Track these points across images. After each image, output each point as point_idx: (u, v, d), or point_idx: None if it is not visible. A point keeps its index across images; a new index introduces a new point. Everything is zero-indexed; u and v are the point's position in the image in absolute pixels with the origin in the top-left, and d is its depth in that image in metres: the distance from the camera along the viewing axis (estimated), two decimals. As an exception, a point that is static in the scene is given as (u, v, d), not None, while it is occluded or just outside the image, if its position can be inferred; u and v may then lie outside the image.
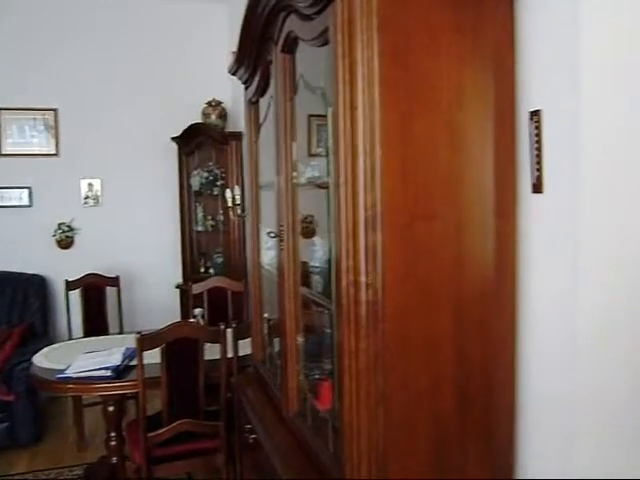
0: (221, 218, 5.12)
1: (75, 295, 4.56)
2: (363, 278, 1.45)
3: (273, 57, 2.11)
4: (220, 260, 5.09)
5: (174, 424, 2.87)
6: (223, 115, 5.14)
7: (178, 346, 2.85)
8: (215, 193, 5.08)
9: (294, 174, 2.02)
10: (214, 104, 5.11)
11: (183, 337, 2.86)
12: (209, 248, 5.24)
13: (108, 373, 3.10)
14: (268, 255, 2.51)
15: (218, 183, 5.03)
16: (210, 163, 5.12)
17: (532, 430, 1.62)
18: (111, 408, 3.30)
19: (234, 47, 2.50)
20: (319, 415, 1.90)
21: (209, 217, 5.17)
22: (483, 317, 1.56)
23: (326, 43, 1.58)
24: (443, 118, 1.48)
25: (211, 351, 2.98)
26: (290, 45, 1.96)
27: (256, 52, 2.32)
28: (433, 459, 1.56)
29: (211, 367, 3.01)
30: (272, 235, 2.13)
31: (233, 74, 2.63)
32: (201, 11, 5.38)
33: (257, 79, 2.40)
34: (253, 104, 2.57)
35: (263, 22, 2.13)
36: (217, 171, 5.07)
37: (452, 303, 1.53)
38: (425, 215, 1.48)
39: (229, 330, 3.07)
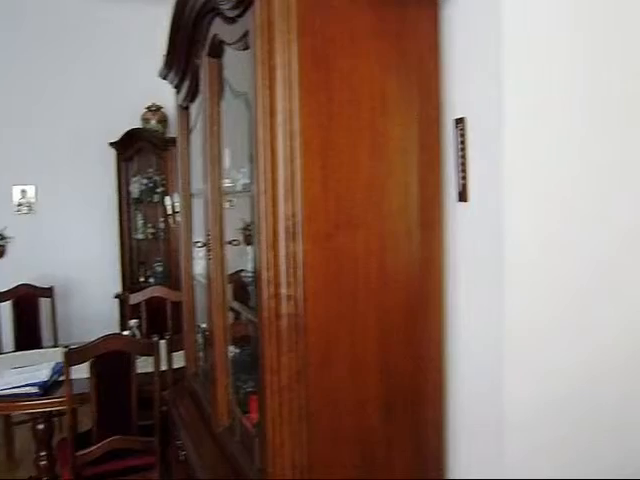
0: (161, 226, 4.99)
1: (6, 307, 4.35)
2: (284, 290, 1.40)
3: (201, 61, 2.05)
4: (161, 269, 4.96)
5: (104, 442, 2.75)
6: (163, 120, 5.02)
7: (108, 360, 2.73)
8: (155, 200, 4.95)
9: (227, 181, 1.96)
10: (154, 109, 4.98)
11: (113, 350, 2.75)
12: (149, 257, 5.09)
13: (34, 390, 2.94)
14: (200, 264, 2.43)
15: (158, 190, 4.91)
16: (150, 169, 4.99)
17: (461, 439, 1.61)
18: (40, 426, 3.13)
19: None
20: (247, 430, 1.83)
21: (149, 225, 5.03)
22: (409, 328, 1.54)
23: (248, 47, 1.53)
24: (366, 125, 1.45)
25: (147, 364, 2.87)
26: (216, 49, 1.90)
27: (185, 56, 2.24)
28: (359, 473, 1.52)
29: (146, 380, 2.90)
30: (199, 244, 2.06)
31: (164, 78, 2.55)
32: (141, 13, 5.24)
33: (187, 84, 2.33)
34: (184, 109, 2.50)
35: (191, 25, 2.06)
36: (157, 178, 4.94)
37: (377, 314, 1.50)
38: (348, 224, 1.44)
39: (163, 342, 2.97)
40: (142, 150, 4.98)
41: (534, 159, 1.42)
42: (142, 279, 5.04)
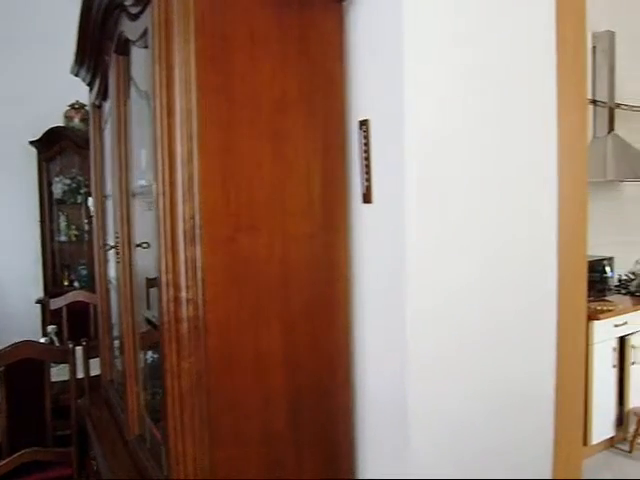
0: (86, 227, 4.82)
1: None
2: (183, 293, 1.37)
3: (110, 59, 1.98)
4: (85, 272, 4.79)
5: (16, 455, 2.62)
6: (87, 119, 4.85)
7: (20, 368, 2.61)
8: (79, 201, 4.78)
9: (143, 182, 1.91)
10: (77, 107, 4.81)
11: (26, 358, 2.63)
12: (73, 260, 4.92)
13: (-60, 402, 2.78)
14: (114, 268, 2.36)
15: (82, 191, 4.74)
16: (73, 170, 4.81)
17: (369, 438, 1.62)
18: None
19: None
20: (156, 438, 1.79)
21: (73, 227, 4.85)
22: (315, 330, 1.54)
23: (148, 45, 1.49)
24: (268, 127, 1.44)
25: (65, 371, 2.77)
26: (123, 46, 1.84)
27: (95, 53, 2.18)
28: (267, 476, 1.50)
29: (63, 389, 2.80)
30: (107, 247, 2.00)
31: (76, 75, 2.46)
32: (65, 7, 5.05)
33: (98, 81, 2.26)
34: (97, 108, 2.42)
35: (100, 20, 1.99)
36: (81, 178, 4.77)
37: (281, 317, 1.49)
38: (249, 227, 1.43)
39: (80, 348, 2.86)
40: (65, 149, 4.80)
41: (434, 161, 1.44)
42: (66, 283, 4.86)
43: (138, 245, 1.92)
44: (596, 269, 3.85)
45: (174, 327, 1.38)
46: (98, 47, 2.12)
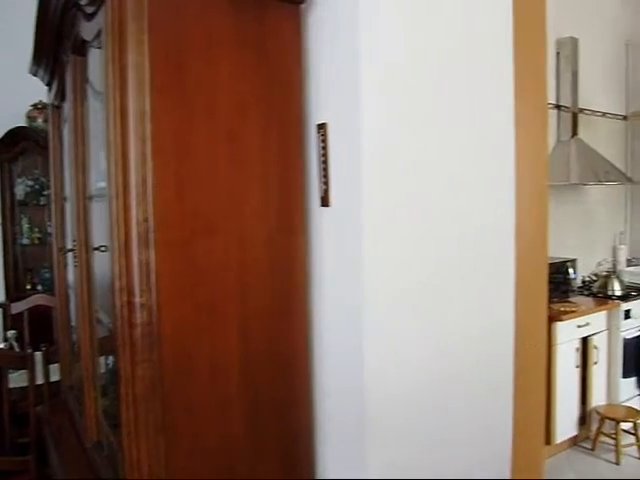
0: (49, 230, 4.72)
1: None
2: (137, 298, 1.34)
3: (67, 59, 1.95)
4: (48, 275, 4.69)
5: (-30, 464, 2.56)
6: (51, 119, 4.76)
7: (-24, 375, 2.55)
8: (42, 203, 4.68)
9: (103, 184, 1.87)
10: (40, 107, 4.71)
11: (-18, 364, 2.57)
12: (36, 262, 4.81)
13: None
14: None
15: (45, 192, 4.64)
16: (36, 171, 4.71)
17: (328, 442, 1.61)
18: None
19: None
20: (113, 445, 1.75)
21: (35, 229, 4.74)
22: (273, 335, 1.53)
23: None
24: (224, 130, 1.43)
25: (24, 377, 2.70)
26: (80, 47, 1.81)
27: (53, 52, 2.13)
28: (225, 484, 1.49)
29: (22, 395, 2.73)
30: (64, 250, 1.96)
31: (34, 75, 2.41)
32: (26, 6, 4.95)
33: (57, 81, 2.22)
34: (56, 108, 2.37)
35: (57, 20, 1.95)
36: (43, 179, 4.67)
37: (238, 322, 1.47)
38: (205, 230, 1.41)
39: (39, 354, 2.80)
40: (27, 150, 4.69)
41: (390, 163, 1.45)
42: (29, 287, 4.75)
43: (96, 249, 1.89)
44: (560, 271, 3.92)
45: (127, 332, 1.35)
46: (56, 47, 2.08)
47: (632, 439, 3.58)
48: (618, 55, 4.76)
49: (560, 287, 3.91)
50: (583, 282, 4.33)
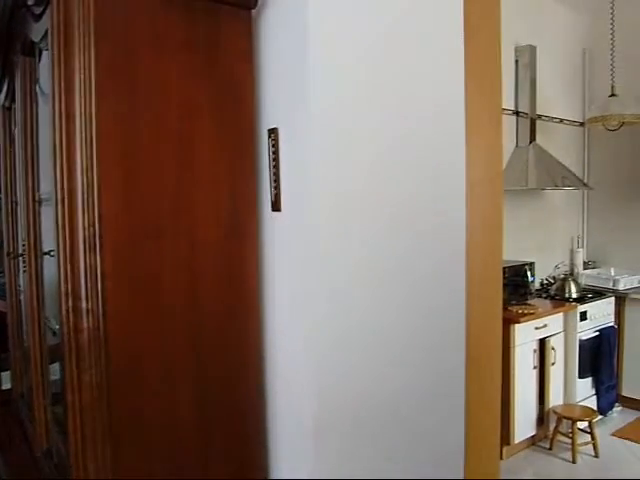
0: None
1: None
2: (83, 303, 1.33)
3: (17, 59, 1.91)
4: (2, 281, 4.58)
5: None
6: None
7: None
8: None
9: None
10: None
11: None
12: (-8, 267, 4.70)
13: None
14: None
15: None
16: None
17: (281, 443, 1.61)
18: None
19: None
20: (62, 452, 1.73)
21: (-8, 233, 4.64)
22: (224, 340, 1.52)
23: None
24: (173, 134, 1.42)
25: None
26: (29, 47, 1.78)
27: (3, 53, 2.09)
28: (175, 491, 1.48)
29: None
30: (12, 255, 1.92)
31: (-16, 75, 2.36)
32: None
33: (7, 82, 2.17)
34: (7, 110, 2.33)
35: (7, 19, 1.92)
36: None
37: (190, 326, 1.46)
38: (154, 235, 1.39)
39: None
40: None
41: (339, 168, 1.45)
42: (-15, 292, 4.63)
43: (46, 253, 1.86)
44: (518, 274, 3.99)
45: (73, 338, 1.33)
46: (6, 47, 2.04)
47: (588, 438, 3.66)
48: (575, 62, 4.88)
49: (519, 290, 3.97)
50: (541, 285, 4.42)
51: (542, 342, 3.78)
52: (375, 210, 1.51)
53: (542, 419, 3.83)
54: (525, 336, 3.62)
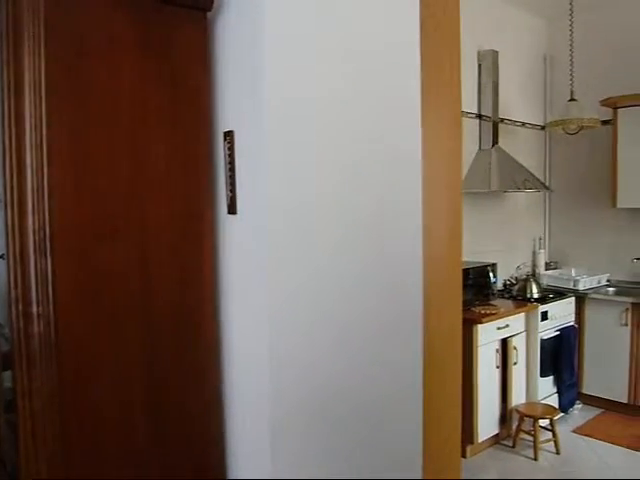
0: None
1: None
2: (34, 308, 1.31)
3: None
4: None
5: None
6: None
7: None
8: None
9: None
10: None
11: None
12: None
13: None
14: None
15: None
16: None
17: (239, 446, 1.61)
18: None
19: None
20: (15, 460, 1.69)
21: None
22: (180, 342, 1.51)
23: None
24: (126, 137, 1.40)
25: None
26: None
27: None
28: (131, 497, 1.46)
29: None
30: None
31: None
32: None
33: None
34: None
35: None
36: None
37: (143, 330, 1.45)
38: (107, 238, 1.38)
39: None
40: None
41: (293, 170, 1.45)
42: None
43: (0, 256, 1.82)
44: (481, 275, 4.05)
45: (24, 344, 1.31)
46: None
47: (550, 435, 3.74)
48: (537, 67, 4.98)
49: (482, 291, 4.04)
50: (504, 285, 4.49)
51: (504, 342, 3.85)
52: (331, 213, 1.52)
53: (505, 418, 3.89)
54: (488, 336, 3.68)
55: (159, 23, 1.46)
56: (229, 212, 1.52)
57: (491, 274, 4.06)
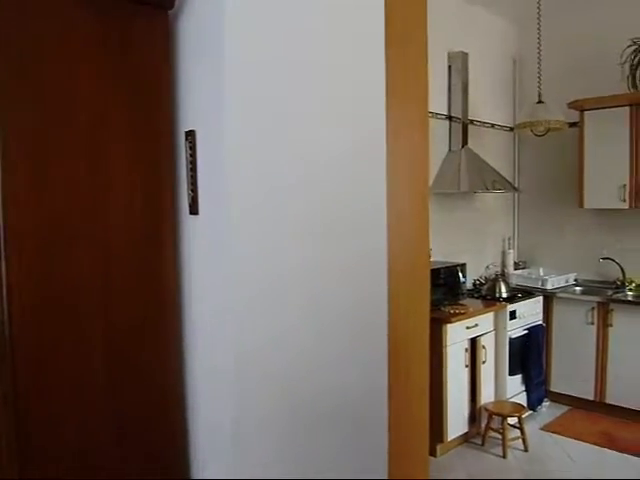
0: None
1: None
2: (-13, 312, 1.27)
3: None
4: None
5: None
6: None
7: None
8: None
9: None
10: None
11: None
12: None
13: None
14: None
15: None
16: None
17: (203, 446, 1.60)
18: None
19: None
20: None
21: None
22: (140, 345, 1.49)
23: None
24: (84, 138, 1.37)
25: None
26: None
27: None
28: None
29: None
30: None
31: None
32: None
33: None
34: None
35: None
36: None
37: (104, 333, 1.42)
38: (64, 241, 1.35)
39: None
40: None
41: (254, 170, 1.45)
42: None
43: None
44: (451, 275, 4.08)
45: (-23, 348, 1.28)
46: None
47: (518, 433, 3.79)
48: (506, 69, 5.05)
49: (451, 290, 4.07)
50: (474, 285, 4.54)
51: (473, 341, 3.89)
52: (293, 213, 1.52)
53: (474, 416, 3.93)
54: (457, 336, 3.72)
55: (119, 21, 1.43)
56: (191, 212, 1.51)
57: (461, 274, 4.09)
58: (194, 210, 1.50)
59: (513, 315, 4.11)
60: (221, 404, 1.49)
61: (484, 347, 3.93)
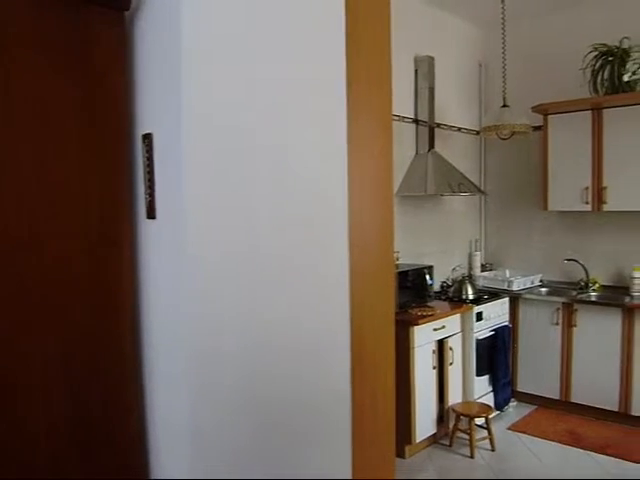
0: None
1: None
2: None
3: None
4: None
5: None
6: None
7: None
8: None
9: None
10: None
11: None
12: None
13: None
14: None
15: None
16: None
17: (162, 446, 1.57)
18: None
19: None
20: None
21: None
22: (96, 353, 1.46)
23: None
24: (32, 142, 1.32)
25: None
26: None
27: None
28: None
29: None
30: None
31: None
32: None
33: None
34: None
35: None
36: None
37: (58, 340, 1.38)
38: (13, 248, 1.30)
39: None
40: None
41: (211, 173, 1.43)
42: None
43: None
44: (418, 277, 4.11)
45: None
46: None
47: (485, 433, 3.83)
48: (472, 74, 5.11)
49: (419, 293, 4.10)
50: (441, 287, 4.58)
51: (441, 343, 3.92)
52: (252, 215, 1.50)
53: (442, 417, 3.96)
54: (424, 337, 3.74)
55: (72, 20, 1.40)
56: (148, 216, 1.49)
57: (428, 276, 4.12)
58: (151, 214, 1.47)
59: (480, 316, 4.16)
60: (178, 404, 1.47)
61: (451, 348, 3.97)
